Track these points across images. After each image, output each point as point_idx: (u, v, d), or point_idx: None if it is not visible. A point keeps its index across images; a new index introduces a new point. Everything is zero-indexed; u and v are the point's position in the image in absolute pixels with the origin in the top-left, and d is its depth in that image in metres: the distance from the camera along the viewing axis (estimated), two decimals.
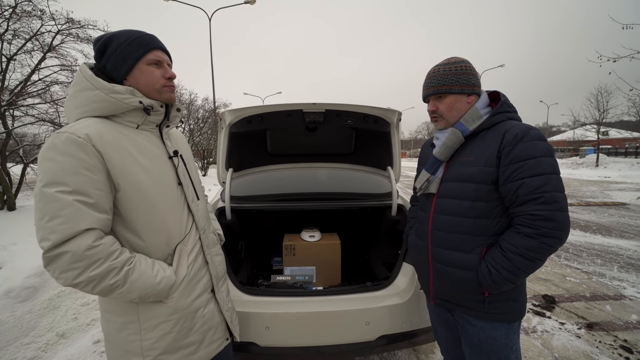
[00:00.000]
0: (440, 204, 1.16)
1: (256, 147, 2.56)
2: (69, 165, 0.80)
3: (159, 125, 1.02)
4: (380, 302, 1.61)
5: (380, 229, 2.51)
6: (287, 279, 1.96)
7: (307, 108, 1.96)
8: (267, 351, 1.56)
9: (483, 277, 1.04)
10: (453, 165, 1.15)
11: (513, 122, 1.07)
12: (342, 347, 1.57)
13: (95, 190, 0.82)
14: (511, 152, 1.00)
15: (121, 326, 0.95)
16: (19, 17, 5.92)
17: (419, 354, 2.14)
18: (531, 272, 1.02)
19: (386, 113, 2.08)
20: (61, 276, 0.79)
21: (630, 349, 2.17)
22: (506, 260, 0.99)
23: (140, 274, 0.87)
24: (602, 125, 21.82)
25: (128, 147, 0.90)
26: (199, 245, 1.07)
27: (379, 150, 2.43)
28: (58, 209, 0.77)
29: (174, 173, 1.01)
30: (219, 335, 1.13)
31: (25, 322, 2.41)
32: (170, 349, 0.97)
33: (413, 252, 1.34)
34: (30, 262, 3.07)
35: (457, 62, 1.13)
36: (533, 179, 0.96)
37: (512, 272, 0.99)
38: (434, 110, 1.17)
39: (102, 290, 0.83)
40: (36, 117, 6.39)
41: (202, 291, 1.06)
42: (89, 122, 0.86)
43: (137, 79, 0.94)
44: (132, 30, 0.96)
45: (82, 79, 0.89)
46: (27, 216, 5.34)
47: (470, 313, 1.15)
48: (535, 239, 0.95)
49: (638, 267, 3.77)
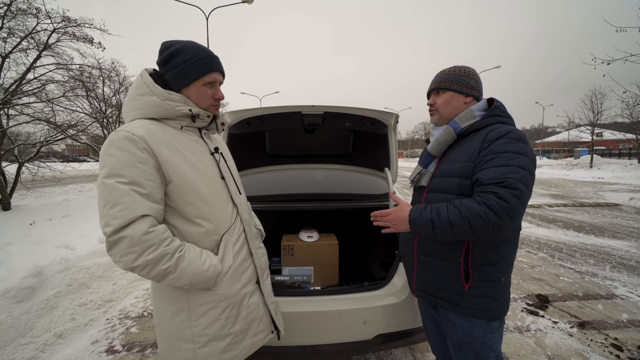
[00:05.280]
0: (429, 198, 1.21)
1: (255, 149, 2.58)
2: (125, 159, 0.88)
3: (199, 128, 1.10)
4: (377, 301, 1.63)
5: (378, 229, 2.54)
6: (286, 279, 1.98)
7: (306, 110, 1.99)
8: (265, 350, 1.58)
9: (414, 210, 1.07)
10: (444, 162, 1.20)
11: (501, 125, 1.10)
12: (339, 346, 1.60)
13: (148, 182, 0.90)
14: (489, 147, 1.04)
15: (172, 314, 1.01)
16: (14, 15, 5.87)
17: (415, 353, 2.17)
18: (454, 234, 0.99)
19: (383, 115, 2.10)
20: (122, 259, 0.86)
21: (620, 347, 2.22)
22: (444, 207, 1.01)
23: (189, 261, 0.93)
24: (596, 126, 22.05)
25: (176, 144, 0.98)
26: (243, 236, 1.13)
27: (376, 151, 2.45)
28: (118, 197, 0.86)
29: (216, 168, 1.09)
30: (263, 327, 1.18)
31: (22, 322, 2.41)
32: (218, 336, 1.03)
33: (402, 247, 1.39)
34: (26, 262, 3.06)
35: (463, 67, 1.22)
36: (502, 168, 0.98)
37: (440, 218, 1.00)
38: (432, 104, 1.25)
39: (156, 275, 0.90)
40: (31, 116, 6.33)
41: (247, 281, 1.12)
42: (142, 123, 0.95)
43: (190, 94, 1.02)
44: (198, 48, 1.03)
45: (142, 83, 0.98)
46: (23, 216, 5.30)
47: (449, 308, 1.18)
48: (481, 206, 0.95)
49: (629, 267, 3.84)
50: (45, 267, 3.09)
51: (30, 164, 6.43)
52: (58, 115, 7.11)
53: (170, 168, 0.94)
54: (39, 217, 5.31)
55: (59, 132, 6.79)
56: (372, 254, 2.57)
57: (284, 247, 2.23)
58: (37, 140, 6.75)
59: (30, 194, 7.92)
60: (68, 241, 3.95)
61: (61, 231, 4.51)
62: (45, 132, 6.91)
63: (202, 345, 1.00)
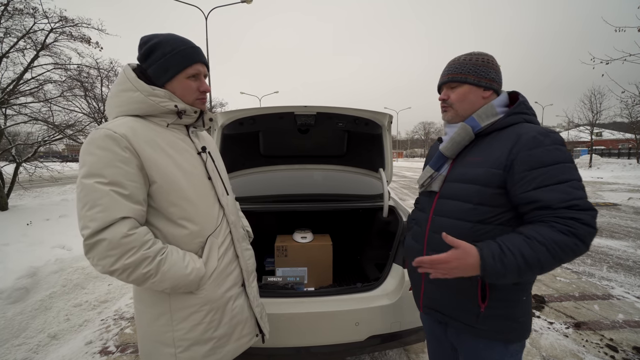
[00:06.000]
0: (440, 205, 1.07)
1: (249, 149, 2.57)
2: (106, 159, 0.85)
3: (186, 126, 1.07)
4: (370, 303, 1.63)
5: (372, 230, 2.53)
6: (279, 280, 1.98)
7: (299, 110, 1.98)
8: (257, 352, 1.57)
9: (489, 256, 0.85)
10: (459, 164, 1.05)
11: (530, 125, 0.97)
12: (332, 348, 1.59)
13: (130, 182, 0.87)
14: (530, 157, 0.89)
15: (153, 317, 0.98)
16: (11, 15, 5.86)
17: (410, 354, 2.17)
18: (542, 272, 0.87)
19: (377, 116, 2.10)
20: (99, 263, 0.84)
21: (615, 348, 2.21)
22: (527, 247, 0.83)
23: (171, 264, 0.90)
24: (595, 126, 22.07)
25: (160, 143, 0.95)
26: (229, 238, 1.10)
27: (371, 152, 2.45)
28: (97, 198, 0.83)
29: (203, 168, 1.05)
30: (248, 331, 1.14)
31: (16, 323, 2.40)
32: (201, 340, 0.99)
33: (408, 255, 1.25)
34: (22, 263, 3.05)
35: (481, 54, 1.04)
36: (565, 186, 0.86)
37: (528, 263, 0.83)
38: (444, 99, 1.08)
39: (136, 279, 0.87)
40: (29, 116, 6.33)
41: (232, 284, 1.08)
42: (125, 120, 0.92)
43: (174, 88, 0.99)
44: (178, 40, 0.99)
45: (125, 79, 0.95)
46: (20, 216, 5.30)
47: (463, 329, 1.04)
48: (570, 237, 0.82)
49: (627, 267, 3.83)
50: (40, 267, 3.09)
51: (28, 164, 6.42)
52: (56, 115, 7.11)
53: (153, 168, 0.91)
54: (36, 217, 5.30)
55: (56, 132, 6.79)
56: (367, 255, 2.56)
57: (278, 248, 2.23)
58: (35, 140, 6.75)
59: (28, 194, 7.91)
60: (65, 241, 3.94)
61: (58, 231, 4.50)
62: (44, 132, 6.91)
63: (184, 350, 0.98)
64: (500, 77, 1.05)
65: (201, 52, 1.03)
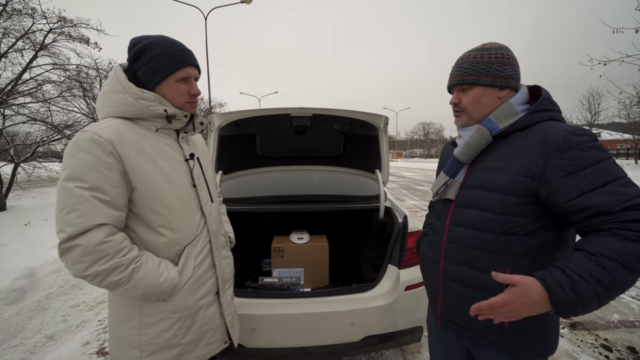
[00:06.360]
0: (457, 214, 0.99)
1: (246, 150, 2.58)
2: (89, 163, 0.84)
3: (177, 130, 1.06)
4: (365, 303, 1.64)
5: (369, 231, 2.55)
6: (275, 281, 1.99)
7: (295, 112, 1.99)
8: (253, 352, 1.59)
9: (556, 288, 0.72)
10: (476, 170, 0.97)
11: (556, 124, 0.87)
12: (328, 348, 1.60)
13: (112, 188, 0.86)
14: (565, 160, 0.79)
15: (124, 320, 0.98)
16: (9, 15, 5.87)
17: (406, 354, 2.18)
18: (623, 291, 0.72)
19: (372, 118, 2.11)
20: (72, 267, 0.84)
21: (610, 348, 2.22)
22: (599, 268, 0.70)
23: (145, 273, 0.90)
24: (594, 126, 22.16)
25: (147, 149, 0.94)
26: (208, 247, 1.09)
27: (367, 153, 2.46)
28: (76, 203, 0.82)
29: (189, 175, 1.04)
30: (217, 338, 1.13)
31: (13, 324, 2.40)
32: (167, 345, 0.99)
33: (423, 264, 1.17)
34: (19, 264, 3.05)
35: (493, 48, 0.93)
36: (615, 185, 0.76)
37: (605, 286, 0.70)
38: (456, 103, 0.99)
39: (108, 285, 0.87)
40: (28, 116, 6.33)
41: (206, 293, 1.08)
42: (113, 123, 0.91)
43: (164, 91, 0.97)
44: (168, 42, 0.97)
45: (115, 80, 0.94)
46: (18, 217, 5.29)
47: (485, 344, 0.96)
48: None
49: None
50: (38, 268, 3.09)
51: (26, 164, 6.42)
52: (55, 115, 7.11)
53: (136, 175, 0.91)
54: (34, 217, 5.30)
55: (55, 132, 6.79)
56: (364, 256, 2.57)
57: (274, 249, 2.24)
58: (33, 140, 6.75)
59: (26, 194, 7.91)
60: None
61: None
62: (42, 132, 6.91)
63: (150, 354, 0.97)
64: (518, 71, 0.94)
65: (192, 55, 1.01)
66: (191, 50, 1.02)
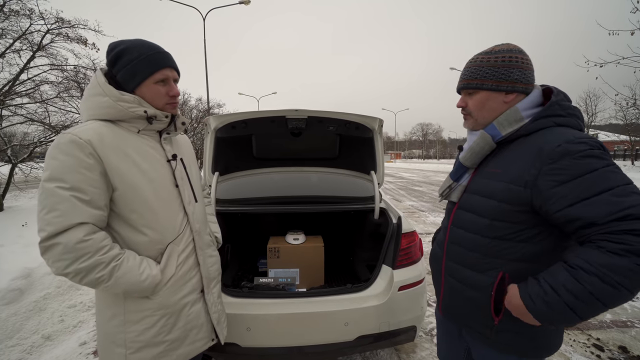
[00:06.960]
0: (458, 216, 1.02)
1: (242, 151, 2.61)
2: (69, 164, 0.87)
3: (159, 131, 1.08)
4: (359, 303, 1.66)
5: (364, 232, 2.57)
6: (270, 281, 2.01)
7: (290, 114, 2.01)
8: (248, 351, 1.60)
9: (526, 297, 0.77)
10: (479, 175, 0.98)
11: (559, 131, 0.83)
12: (323, 347, 1.62)
13: (91, 188, 0.88)
14: (556, 170, 0.77)
15: (108, 317, 1.00)
16: (6, 16, 5.86)
17: (400, 354, 2.20)
18: (607, 305, 0.71)
19: (367, 120, 2.13)
20: (53, 265, 0.86)
21: (602, 347, 2.25)
22: (573, 280, 0.72)
23: (125, 271, 0.91)
24: (591, 128, 22.30)
25: (128, 150, 0.96)
26: (191, 246, 1.11)
27: (363, 155, 2.48)
28: (56, 203, 0.85)
29: (171, 175, 1.06)
30: (202, 335, 1.15)
31: (10, 324, 2.41)
32: (152, 342, 1.01)
33: (431, 259, 1.22)
34: (16, 264, 3.06)
35: (502, 51, 0.91)
36: (608, 195, 0.73)
37: (578, 298, 0.71)
38: (463, 107, 1.00)
39: (89, 283, 0.89)
40: (25, 117, 6.33)
41: (190, 291, 1.09)
42: (94, 125, 0.93)
43: (143, 93, 1.00)
44: (145, 45, 1.00)
45: (95, 84, 0.96)
46: (15, 217, 5.29)
47: (478, 337, 1.01)
48: (626, 257, 0.68)
49: None
50: (35, 268, 3.09)
51: (24, 165, 6.42)
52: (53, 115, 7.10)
53: (116, 175, 0.93)
54: (32, 218, 5.29)
55: (53, 133, 6.78)
56: (359, 256, 2.60)
57: (270, 250, 2.26)
58: (31, 140, 6.74)
59: (24, 195, 7.88)
60: None
61: None
62: (40, 132, 6.90)
63: (134, 352, 0.99)
64: (528, 74, 0.91)
65: (169, 57, 1.03)
66: (169, 53, 1.04)
